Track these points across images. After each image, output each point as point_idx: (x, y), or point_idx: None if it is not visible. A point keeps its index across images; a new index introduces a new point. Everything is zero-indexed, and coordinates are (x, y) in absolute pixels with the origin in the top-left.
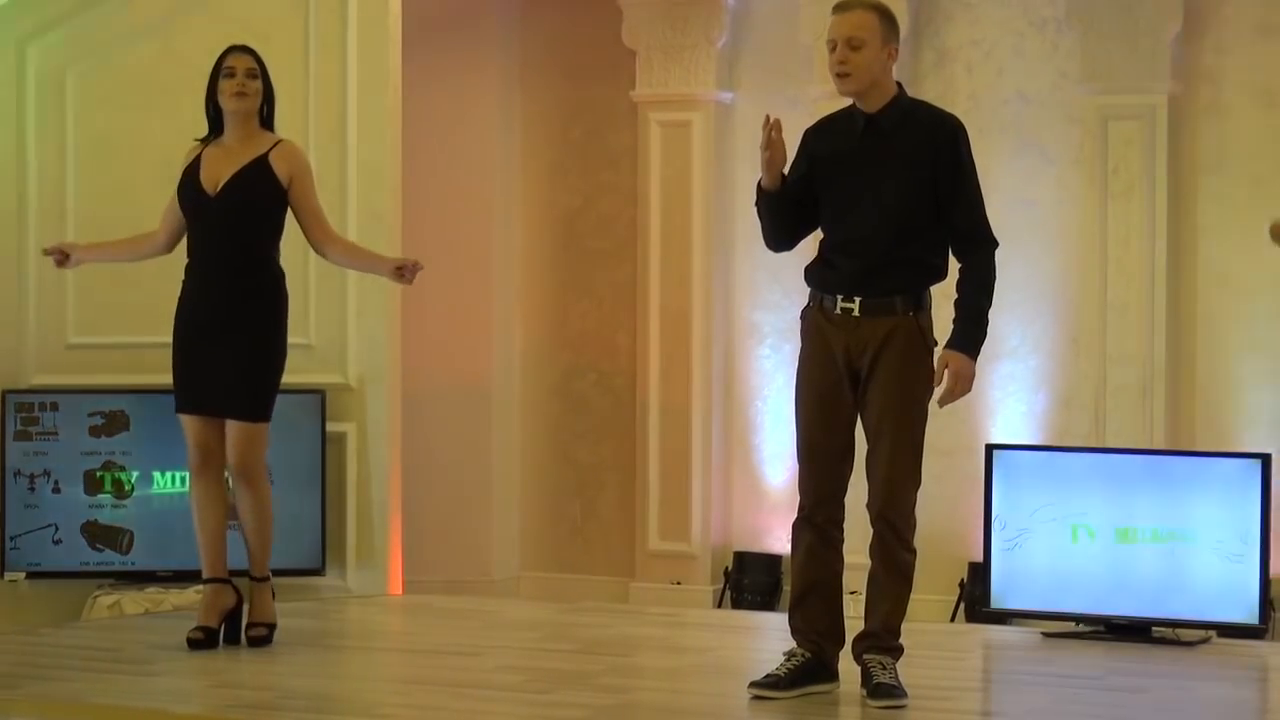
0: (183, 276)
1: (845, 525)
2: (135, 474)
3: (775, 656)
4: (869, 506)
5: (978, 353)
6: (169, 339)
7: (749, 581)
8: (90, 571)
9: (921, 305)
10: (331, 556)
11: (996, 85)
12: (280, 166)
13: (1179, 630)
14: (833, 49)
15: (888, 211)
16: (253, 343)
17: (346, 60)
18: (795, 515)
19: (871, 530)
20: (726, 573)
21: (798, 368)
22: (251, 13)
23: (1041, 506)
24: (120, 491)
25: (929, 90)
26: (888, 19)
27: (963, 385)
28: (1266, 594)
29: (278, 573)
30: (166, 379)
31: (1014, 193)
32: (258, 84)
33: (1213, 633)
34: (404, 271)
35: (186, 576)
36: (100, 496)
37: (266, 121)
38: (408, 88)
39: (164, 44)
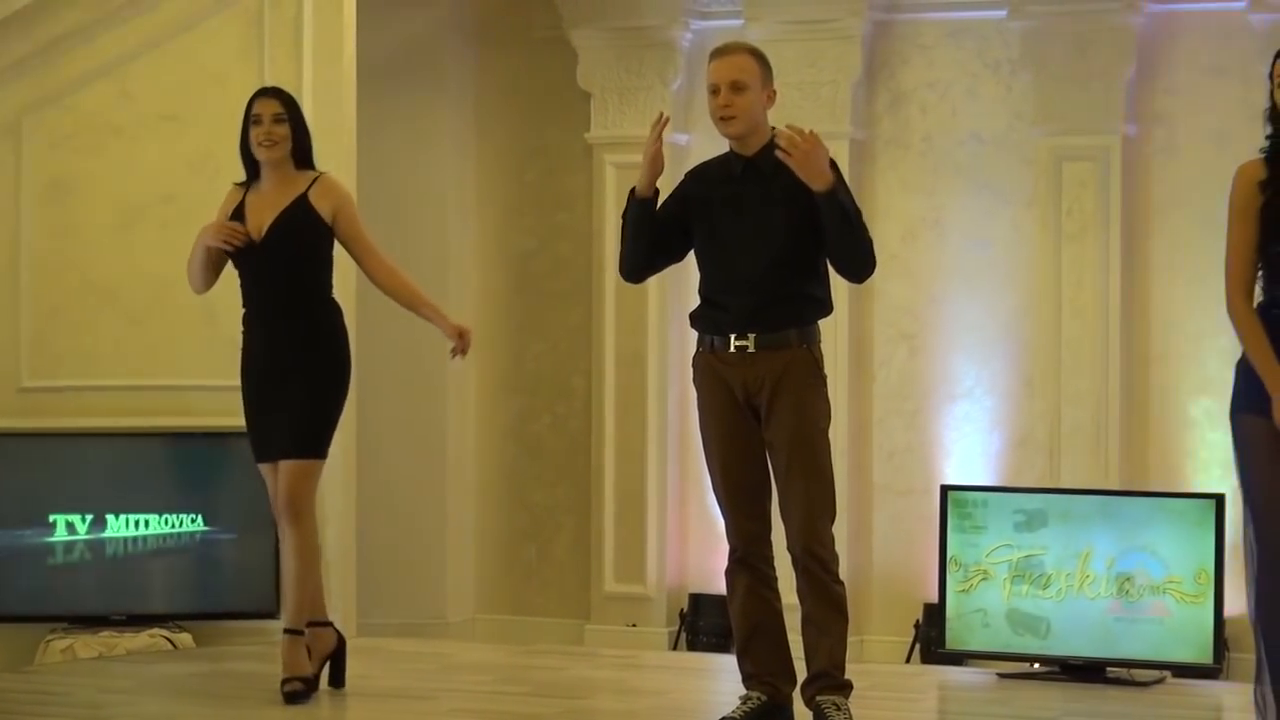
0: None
1: (774, 563)
2: (89, 517)
3: (731, 699)
4: (790, 547)
5: (834, 190)
6: (124, 381)
7: (704, 624)
8: (44, 615)
9: (813, 338)
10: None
11: (951, 126)
12: (322, 204)
13: (1134, 671)
14: (715, 93)
15: (773, 250)
16: (310, 382)
17: (301, 102)
18: (726, 562)
19: (795, 571)
20: (682, 615)
21: (700, 415)
22: (207, 55)
23: (996, 547)
24: (73, 535)
25: (884, 131)
26: (764, 63)
27: (811, 151)
28: (1221, 634)
29: (232, 615)
30: (121, 421)
31: (968, 233)
32: (285, 129)
33: (1167, 673)
34: (462, 339)
35: (140, 620)
36: (54, 540)
37: (303, 159)
38: (362, 130)
39: (119, 86)
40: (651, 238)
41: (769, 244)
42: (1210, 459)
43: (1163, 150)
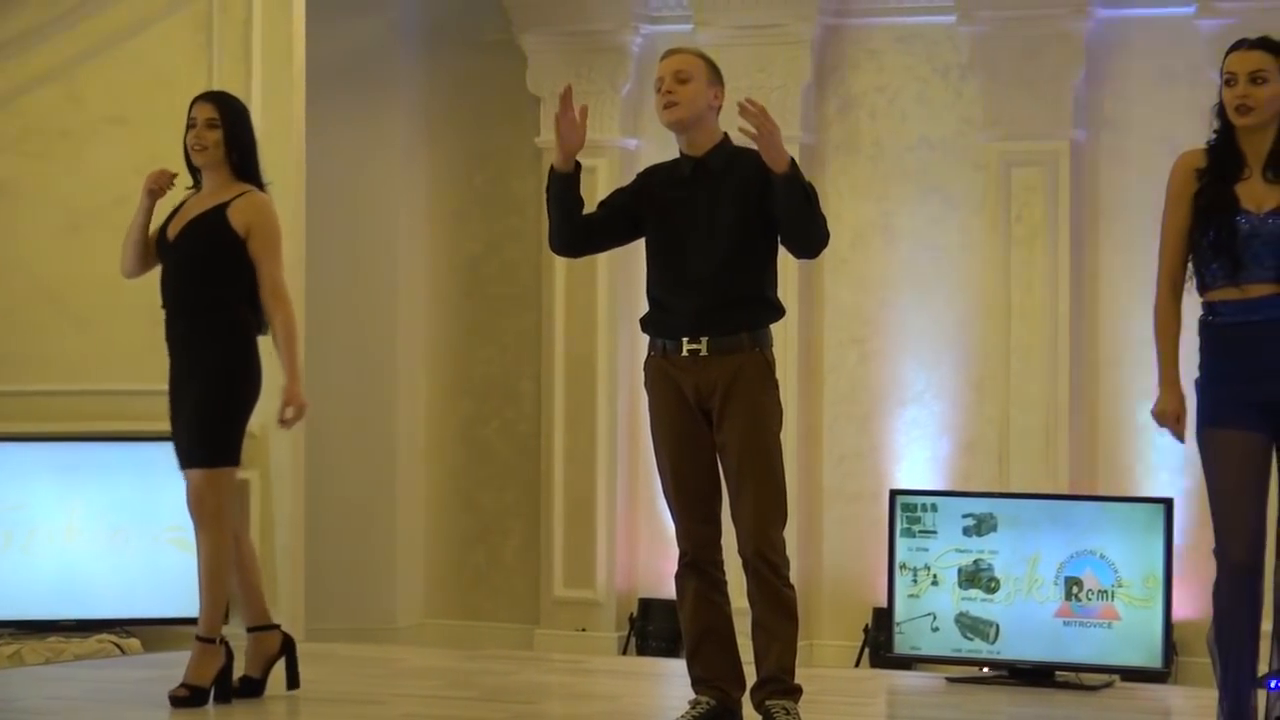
0: None
1: (724, 567)
2: (37, 521)
3: (680, 704)
4: (741, 550)
5: (796, 173)
6: (71, 386)
7: (654, 628)
8: None
9: (765, 341)
10: (234, 604)
11: (900, 131)
12: (237, 218)
13: (1082, 675)
14: (659, 87)
15: (723, 252)
16: (204, 389)
17: (250, 106)
18: (677, 565)
19: (746, 575)
20: (631, 619)
21: (651, 419)
22: (157, 59)
23: (945, 551)
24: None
25: (833, 136)
26: (713, 67)
27: (775, 130)
28: (1169, 638)
29: (180, 622)
30: (68, 426)
31: (918, 239)
32: (216, 134)
33: (1116, 677)
34: (292, 410)
35: (88, 626)
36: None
37: (242, 169)
38: (311, 134)
39: (67, 90)
40: (575, 215)
41: (719, 245)
42: (1159, 463)
43: (1111, 155)
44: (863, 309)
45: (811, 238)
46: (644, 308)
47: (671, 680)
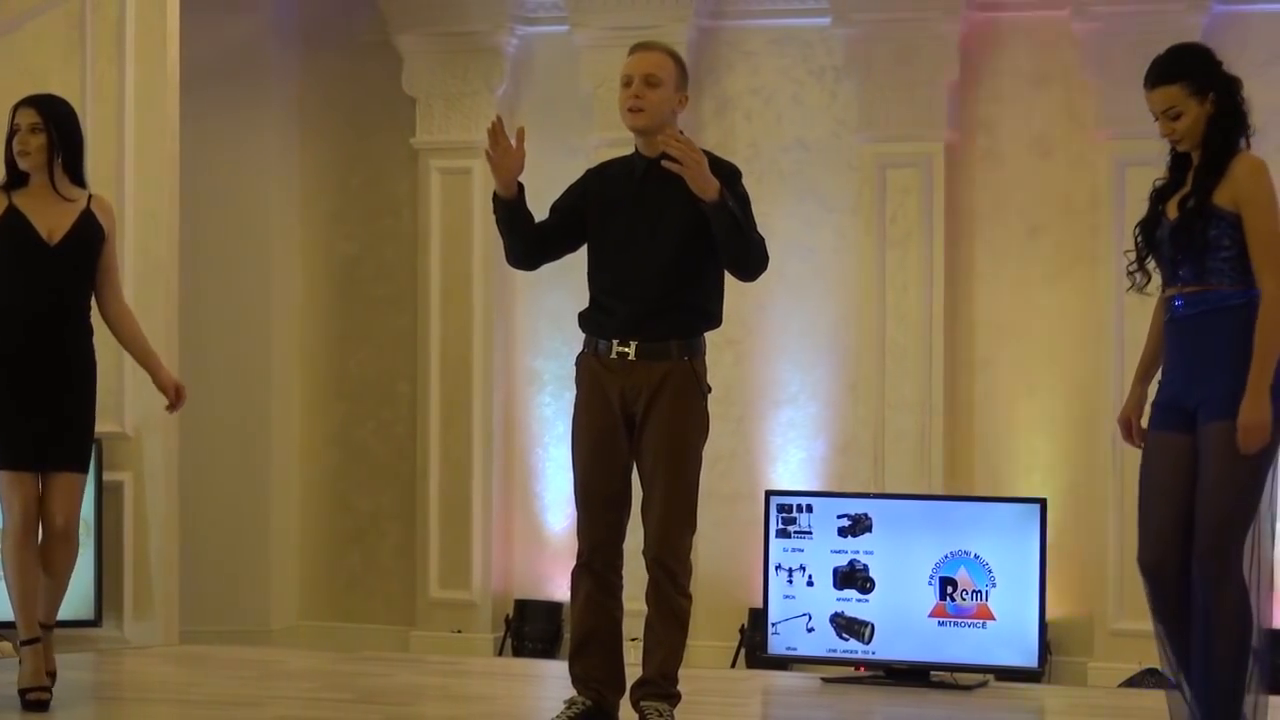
0: None
1: (623, 572)
2: None
3: (556, 704)
4: (645, 552)
5: (725, 201)
6: None
7: (530, 629)
8: None
9: (696, 350)
10: (108, 607)
11: (776, 133)
12: (103, 219)
13: (957, 674)
14: (627, 84)
15: (664, 255)
16: (83, 393)
17: (124, 107)
18: (574, 562)
19: (647, 576)
20: (507, 620)
21: (573, 413)
22: (28, 58)
23: (821, 552)
24: None
25: (709, 138)
26: (682, 67)
27: (701, 162)
28: (1044, 637)
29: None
30: None
31: (793, 240)
32: (40, 139)
33: (990, 676)
34: (177, 396)
35: None
36: None
37: (70, 172)
38: (186, 135)
39: None
40: (526, 233)
41: (660, 250)
42: (1034, 464)
43: (985, 157)
44: (738, 310)
45: (745, 264)
46: (519, 309)
47: (547, 681)
